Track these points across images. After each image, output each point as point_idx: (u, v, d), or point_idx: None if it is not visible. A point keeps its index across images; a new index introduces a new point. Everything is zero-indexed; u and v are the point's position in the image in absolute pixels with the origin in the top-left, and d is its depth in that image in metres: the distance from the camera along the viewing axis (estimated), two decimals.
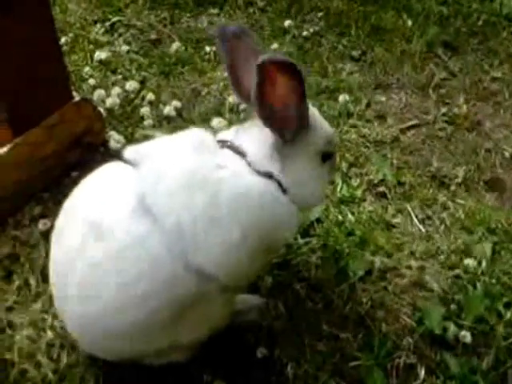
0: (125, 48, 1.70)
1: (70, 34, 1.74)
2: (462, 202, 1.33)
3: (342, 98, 1.56)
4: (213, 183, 0.85)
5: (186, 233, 0.81)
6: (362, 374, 1.01)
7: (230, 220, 0.84)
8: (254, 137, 0.92)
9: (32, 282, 1.11)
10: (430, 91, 1.62)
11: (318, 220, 1.25)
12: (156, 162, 0.87)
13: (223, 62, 0.92)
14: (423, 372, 1.02)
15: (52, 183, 1.27)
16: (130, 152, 0.90)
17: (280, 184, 0.89)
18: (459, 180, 1.38)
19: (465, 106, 1.56)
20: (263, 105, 0.86)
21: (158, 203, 0.82)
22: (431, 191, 1.35)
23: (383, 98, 1.62)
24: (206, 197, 0.84)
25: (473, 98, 1.59)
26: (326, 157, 0.96)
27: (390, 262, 1.20)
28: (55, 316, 1.05)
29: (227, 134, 0.96)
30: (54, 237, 0.89)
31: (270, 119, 0.87)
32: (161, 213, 0.82)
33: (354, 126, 1.50)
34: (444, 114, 1.55)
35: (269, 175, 0.89)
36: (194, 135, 0.93)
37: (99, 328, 0.85)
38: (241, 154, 0.90)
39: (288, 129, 0.89)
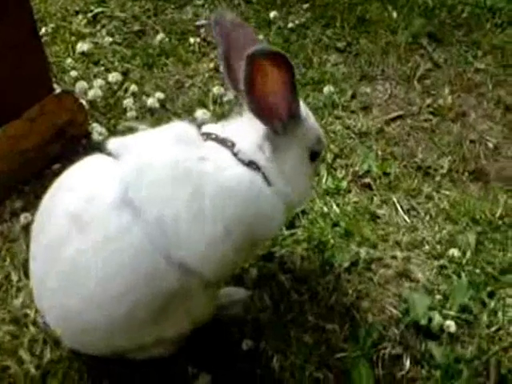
0: (108, 39, 1.67)
1: (51, 25, 1.71)
2: (446, 192, 1.34)
3: (327, 89, 1.55)
4: (196, 176, 0.84)
5: (169, 226, 0.80)
6: (348, 366, 1.01)
7: (213, 214, 0.83)
8: (243, 128, 0.91)
9: (13, 277, 1.09)
10: (415, 82, 1.62)
11: (303, 211, 1.25)
12: (138, 155, 0.86)
13: (218, 47, 0.91)
14: (408, 362, 1.03)
15: (33, 176, 1.25)
16: (112, 144, 0.88)
17: (265, 176, 0.88)
18: (444, 171, 1.39)
19: (449, 97, 1.56)
20: (253, 95, 0.84)
21: (140, 196, 0.81)
22: (416, 182, 1.36)
23: (368, 90, 1.62)
24: (189, 190, 0.82)
25: (457, 89, 1.60)
26: (314, 156, 0.95)
27: (375, 253, 1.20)
28: (37, 311, 1.03)
29: (213, 127, 0.95)
30: (34, 231, 0.88)
31: (260, 110, 0.86)
32: (143, 205, 0.80)
33: (339, 118, 1.49)
34: (429, 106, 1.55)
35: (255, 165, 0.88)
36: (176, 128, 0.92)
37: (79, 322, 0.84)
38: (227, 145, 0.89)
39: (278, 120, 0.88)
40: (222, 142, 0.90)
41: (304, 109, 0.93)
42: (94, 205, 0.82)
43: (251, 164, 0.88)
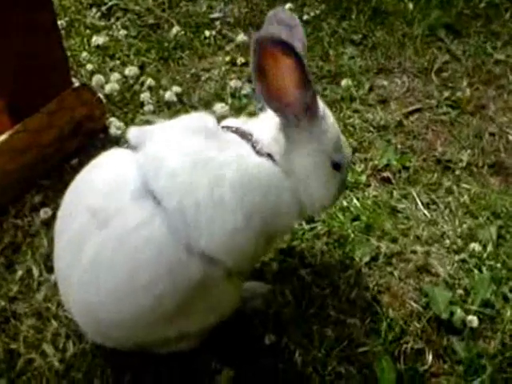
0: (122, 33, 1.66)
1: (66, 18, 1.70)
2: (466, 186, 1.32)
3: (345, 82, 1.54)
4: (216, 164, 0.83)
5: (189, 216, 0.80)
6: (370, 360, 1.01)
7: (233, 202, 0.82)
8: (263, 122, 0.92)
9: (35, 271, 1.09)
10: (433, 75, 1.60)
11: None
12: (158, 145, 0.86)
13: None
14: (431, 357, 1.02)
15: (52, 171, 1.25)
16: (131, 133, 0.88)
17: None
18: (463, 164, 1.37)
19: (468, 90, 1.55)
20: (262, 81, 0.83)
21: (160, 186, 0.80)
22: (436, 176, 1.34)
23: (385, 83, 1.60)
24: (210, 179, 0.82)
25: (476, 81, 1.58)
26: (336, 166, 0.93)
27: (396, 247, 1.19)
28: (59, 305, 1.04)
29: (233, 122, 0.95)
30: (57, 227, 0.88)
31: (270, 97, 0.85)
32: (163, 195, 0.80)
33: (357, 111, 1.48)
34: (447, 98, 1.53)
35: (272, 158, 0.88)
36: (196, 118, 0.92)
37: (104, 317, 0.84)
38: (246, 137, 0.89)
39: (291, 111, 0.86)
40: (242, 134, 0.89)
41: (323, 109, 0.91)
42: (114, 197, 0.82)
43: (269, 156, 0.88)
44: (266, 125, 0.91)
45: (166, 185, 0.81)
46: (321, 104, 0.90)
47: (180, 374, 0.97)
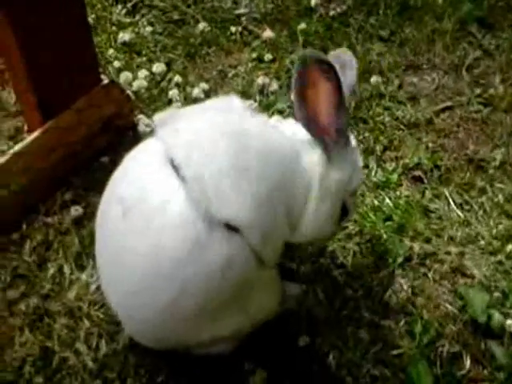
0: (148, 29, 1.65)
1: (92, 16, 1.69)
2: (500, 186, 1.29)
3: (374, 79, 1.51)
4: (241, 134, 0.82)
5: (210, 185, 0.77)
6: (405, 363, 0.99)
7: (257, 171, 0.80)
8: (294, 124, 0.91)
9: (66, 269, 1.09)
10: (464, 71, 1.56)
11: None
12: (180, 120, 0.85)
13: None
14: (469, 361, 1.00)
15: (82, 168, 1.25)
16: (156, 117, 0.88)
17: None
18: (497, 163, 1.34)
19: (501, 87, 1.51)
20: (302, 105, 0.84)
21: (180, 156, 0.78)
22: (468, 175, 1.31)
23: (415, 80, 1.57)
24: (233, 146, 0.80)
25: (510, 77, 1.53)
26: (344, 212, 0.93)
27: (429, 248, 1.17)
28: (91, 304, 1.04)
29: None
30: (97, 222, 0.87)
31: (309, 121, 0.86)
32: (183, 165, 0.77)
33: (387, 108, 1.45)
34: (479, 95, 1.49)
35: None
36: (222, 99, 0.93)
37: (133, 309, 0.83)
38: (273, 123, 0.91)
39: (328, 135, 0.86)
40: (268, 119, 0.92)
41: (355, 145, 0.93)
42: (138, 181, 0.81)
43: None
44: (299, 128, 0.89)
45: (187, 154, 0.79)
46: (353, 139, 0.91)
47: (213, 374, 0.96)
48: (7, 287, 1.05)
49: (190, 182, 0.77)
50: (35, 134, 1.14)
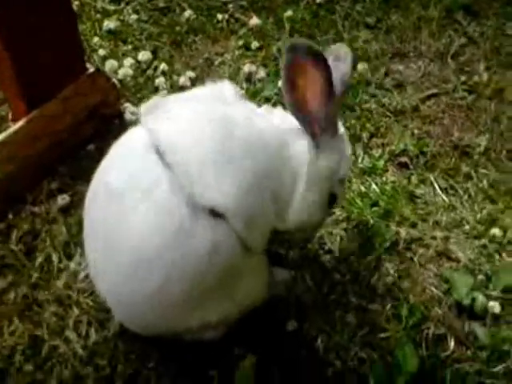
0: (134, 17, 1.64)
1: (76, 2, 1.67)
2: (485, 171, 1.31)
3: (360, 66, 1.52)
4: (227, 119, 0.82)
5: (194, 170, 0.77)
6: (391, 345, 1.01)
7: (242, 160, 0.80)
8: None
9: (54, 258, 1.09)
10: (449, 59, 1.58)
11: None
12: (167, 107, 0.84)
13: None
14: (453, 343, 1.02)
15: (68, 157, 1.24)
16: (142, 107, 0.86)
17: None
18: (481, 149, 1.36)
19: (485, 74, 1.52)
20: (291, 92, 0.84)
21: (165, 142, 0.78)
22: (453, 161, 1.33)
23: (401, 67, 1.58)
24: (219, 134, 0.80)
25: (494, 64, 1.55)
26: (332, 199, 0.93)
27: (415, 233, 1.18)
28: (80, 292, 1.04)
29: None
30: (85, 209, 0.87)
31: (298, 108, 0.86)
32: (168, 151, 0.78)
33: (374, 96, 1.46)
34: (464, 83, 1.51)
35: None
36: (212, 86, 0.91)
37: (119, 296, 0.83)
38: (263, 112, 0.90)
39: (315, 122, 0.87)
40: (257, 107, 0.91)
41: (343, 132, 0.93)
42: (125, 168, 0.81)
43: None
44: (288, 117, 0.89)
45: (171, 140, 0.79)
46: (341, 127, 0.91)
47: (203, 360, 0.97)
48: None
49: (175, 168, 0.77)
50: (20, 122, 1.13)
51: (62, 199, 1.17)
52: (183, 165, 0.77)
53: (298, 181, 0.88)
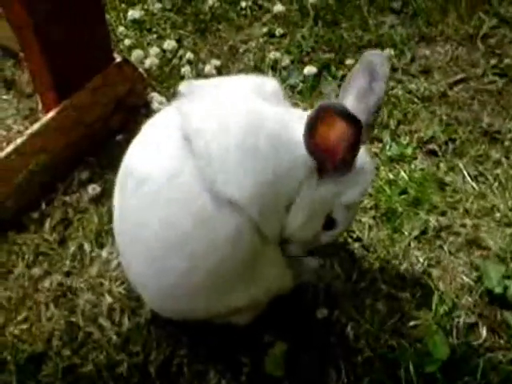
0: (157, 6, 1.64)
1: None
2: None
3: (387, 52, 1.49)
4: (257, 115, 0.81)
5: (216, 159, 0.76)
6: (422, 334, 1.01)
7: (266, 153, 0.79)
8: None
9: (86, 247, 1.11)
10: (479, 42, 1.54)
11: None
12: (202, 94, 0.84)
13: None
14: (485, 331, 1.01)
15: (97, 147, 1.26)
16: (183, 86, 0.87)
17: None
18: None
19: None
20: (313, 136, 0.78)
21: (192, 128, 0.78)
22: (483, 147, 1.31)
23: (428, 52, 1.55)
24: (248, 125, 0.79)
25: None
26: (329, 224, 0.87)
27: (445, 221, 1.17)
28: (112, 280, 1.06)
29: None
30: (114, 196, 0.88)
31: (317, 151, 0.80)
32: (193, 137, 0.77)
33: (400, 82, 1.44)
34: (494, 66, 1.47)
35: None
36: (254, 78, 0.90)
37: (146, 282, 0.85)
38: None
39: (331, 164, 0.82)
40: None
41: (364, 164, 0.86)
42: (151, 153, 0.81)
43: None
44: None
45: (199, 127, 0.78)
46: (364, 158, 0.86)
47: (234, 347, 0.98)
48: (31, 265, 1.07)
49: (198, 154, 0.77)
50: (51, 113, 1.15)
51: (93, 189, 1.18)
52: (206, 152, 0.77)
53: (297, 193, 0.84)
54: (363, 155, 0.86)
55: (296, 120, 0.83)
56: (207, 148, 0.77)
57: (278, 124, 0.82)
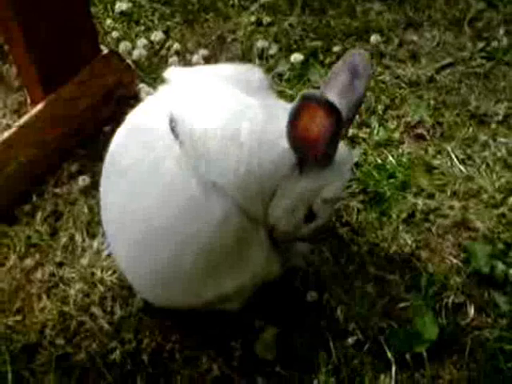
0: None
1: None
2: (503, 140, 1.29)
3: (374, 38, 1.50)
4: (241, 103, 0.82)
5: (200, 143, 0.77)
6: (411, 315, 1.02)
7: (250, 139, 0.79)
8: None
9: (77, 238, 1.12)
10: (466, 26, 1.54)
11: (357, 164, 1.23)
12: (188, 79, 0.85)
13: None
14: (472, 311, 1.03)
15: (86, 139, 1.26)
16: (167, 72, 0.88)
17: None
18: (500, 118, 1.34)
19: (505, 39, 1.48)
20: (294, 126, 0.79)
21: (177, 113, 0.79)
22: (471, 130, 1.32)
23: (415, 37, 1.55)
24: (230, 112, 0.80)
25: None
26: (310, 216, 0.87)
27: (433, 203, 1.18)
28: (104, 270, 1.07)
29: None
30: (100, 186, 0.89)
31: (297, 141, 0.80)
32: (179, 122, 0.78)
33: (388, 67, 1.45)
34: (482, 50, 1.48)
35: None
36: (243, 67, 0.91)
37: (134, 269, 0.86)
38: None
39: (312, 155, 0.82)
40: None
41: (343, 156, 0.87)
42: (135, 140, 0.82)
43: None
44: None
45: (183, 111, 0.80)
46: (343, 153, 0.86)
47: (225, 332, 0.99)
48: (23, 256, 1.08)
49: (183, 138, 0.78)
50: (38, 107, 1.16)
51: (83, 180, 1.19)
52: (190, 136, 0.78)
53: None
54: (342, 150, 0.87)
55: (280, 113, 0.83)
56: (191, 133, 0.78)
57: (262, 118, 0.82)
